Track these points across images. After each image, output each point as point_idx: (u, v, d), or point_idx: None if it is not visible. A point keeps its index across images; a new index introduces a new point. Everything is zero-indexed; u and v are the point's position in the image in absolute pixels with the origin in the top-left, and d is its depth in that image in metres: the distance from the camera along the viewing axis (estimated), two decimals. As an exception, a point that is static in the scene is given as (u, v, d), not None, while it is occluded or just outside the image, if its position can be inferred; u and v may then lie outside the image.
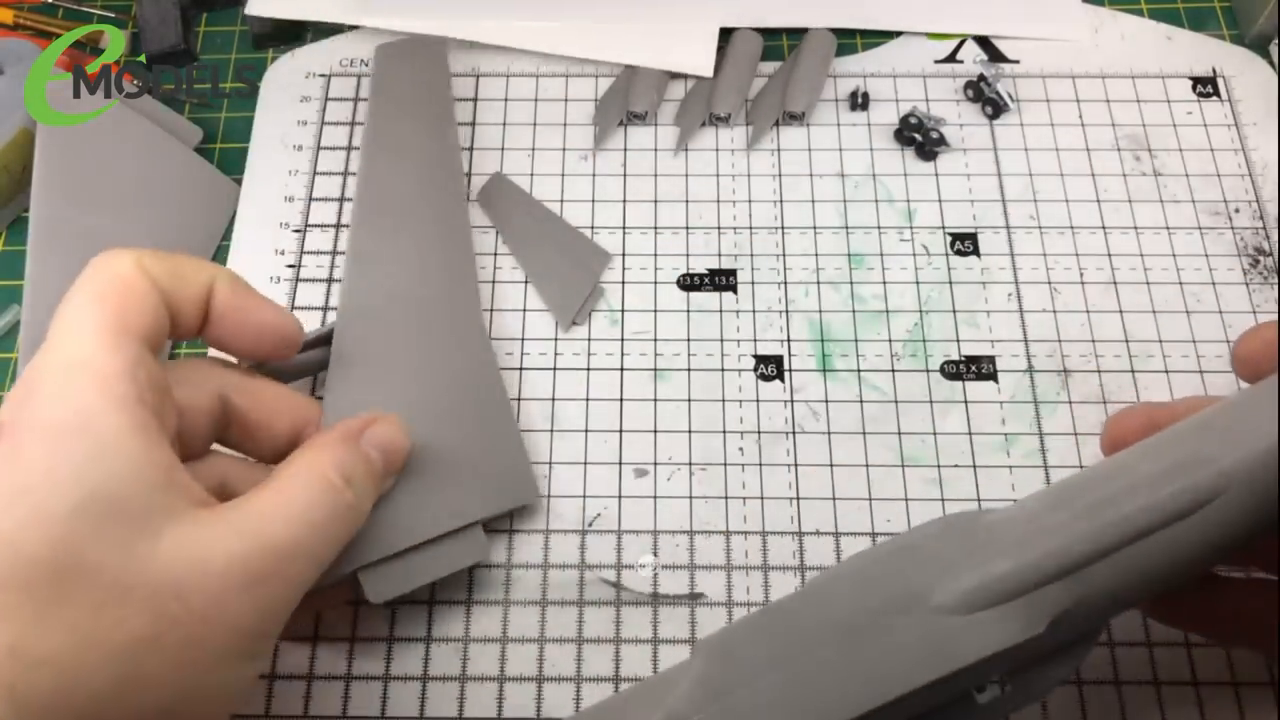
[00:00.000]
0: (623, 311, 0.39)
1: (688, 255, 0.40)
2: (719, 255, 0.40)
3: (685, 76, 0.44)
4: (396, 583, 0.31)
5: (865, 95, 0.43)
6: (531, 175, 0.42)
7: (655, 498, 0.35)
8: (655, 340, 0.38)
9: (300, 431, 0.31)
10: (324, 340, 0.34)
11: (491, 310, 0.39)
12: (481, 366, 0.35)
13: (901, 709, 0.24)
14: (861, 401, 0.37)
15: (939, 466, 0.36)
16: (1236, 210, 0.41)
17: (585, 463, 0.36)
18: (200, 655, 0.24)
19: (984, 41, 0.45)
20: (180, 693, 0.24)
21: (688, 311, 0.39)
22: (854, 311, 0.39)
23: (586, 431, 0.37)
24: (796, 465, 0.36)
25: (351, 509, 0.28)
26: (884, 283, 0.39)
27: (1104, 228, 0.40)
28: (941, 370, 0.38)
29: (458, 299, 0.36)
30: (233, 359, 0.31)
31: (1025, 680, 0.25)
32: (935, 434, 0.36)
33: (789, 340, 0.38)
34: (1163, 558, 0.24)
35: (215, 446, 0.30)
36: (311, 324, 0.38)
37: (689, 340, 0.38)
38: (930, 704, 0.25)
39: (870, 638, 0.24)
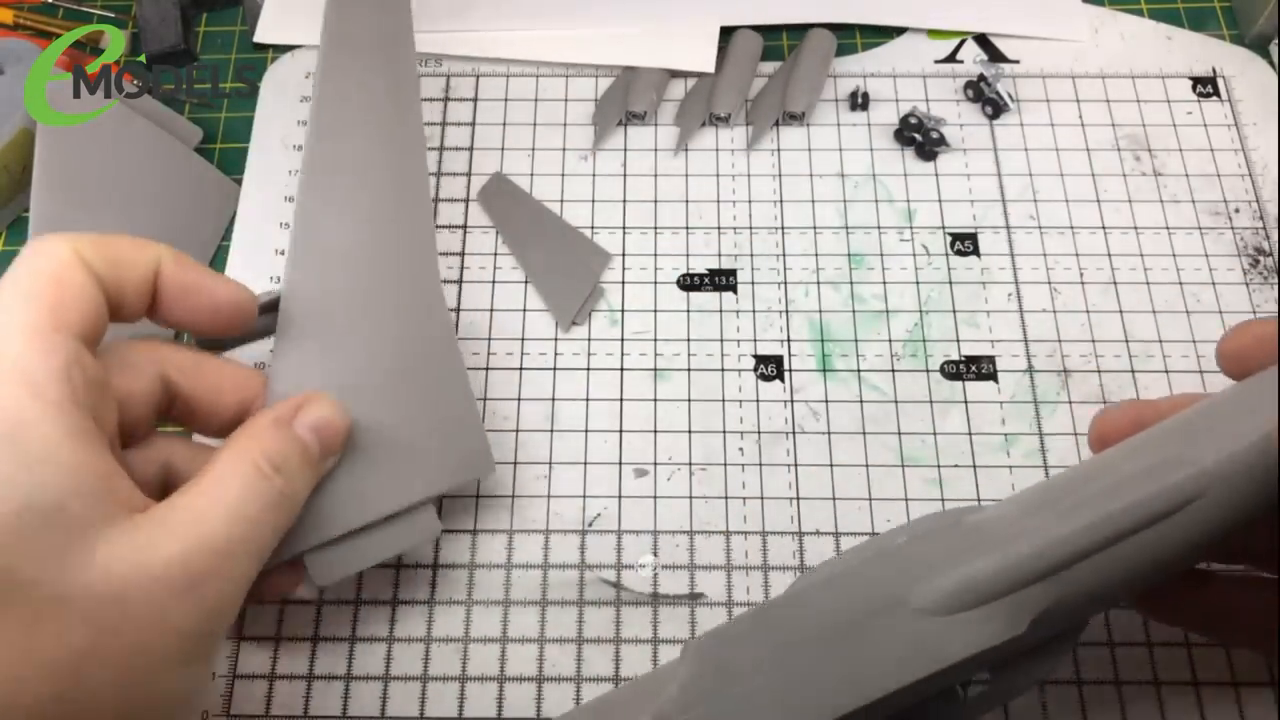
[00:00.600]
0: (623, 311, 0.39)
1: (688, 255, 0.40)
2: (719, 255, 0.40)
3: (685, 76, 0.44)
4: (344, 565, 0.30)
5: (865, 95, 0.43)
6: (531, 175, 0.42)
7: (655, 498, 0.35)
8: (655, 340, 0.38)
9: (247, 406, 0.30)
10: (270, 307, 0.32)
11: (491, 310, 0.39)
12: (437, 334, 0.33)
13: (885, 707, 0.24)
14: (861, 401, 0.37)
15: (939, 466, 0.36)
16: (1236, 210, 0.41)
17: (585, 463, 0.36)
18: (145, 662, 0.23)
19: (984, 41, 0.45)
20: (127, 703, 0.23)
21: (688, 311, 0.39)
22: (854, 311, 0.39)
23: (586, 431, 0.37)
24: (796, 465, 0.36)
25: (286, 497, 0.27)
26: (884, 283, 0.39)
27: (1104, 228, 0.40)
28: (941, 370, 0.38)
29: (413, 264, 0.34)
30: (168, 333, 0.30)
31: (1008, 676, 0.26)
32: (935, 434, 0.36)
33: (789, 340, 0.38)
34: (1143, 557, 0.24)
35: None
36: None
37: (689, 340, 0.38)
38: (913, 701, 0.25)
39: (854, 640, 0.24)
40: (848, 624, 0.24)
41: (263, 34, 0.46)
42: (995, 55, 0.45)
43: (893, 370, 0.38)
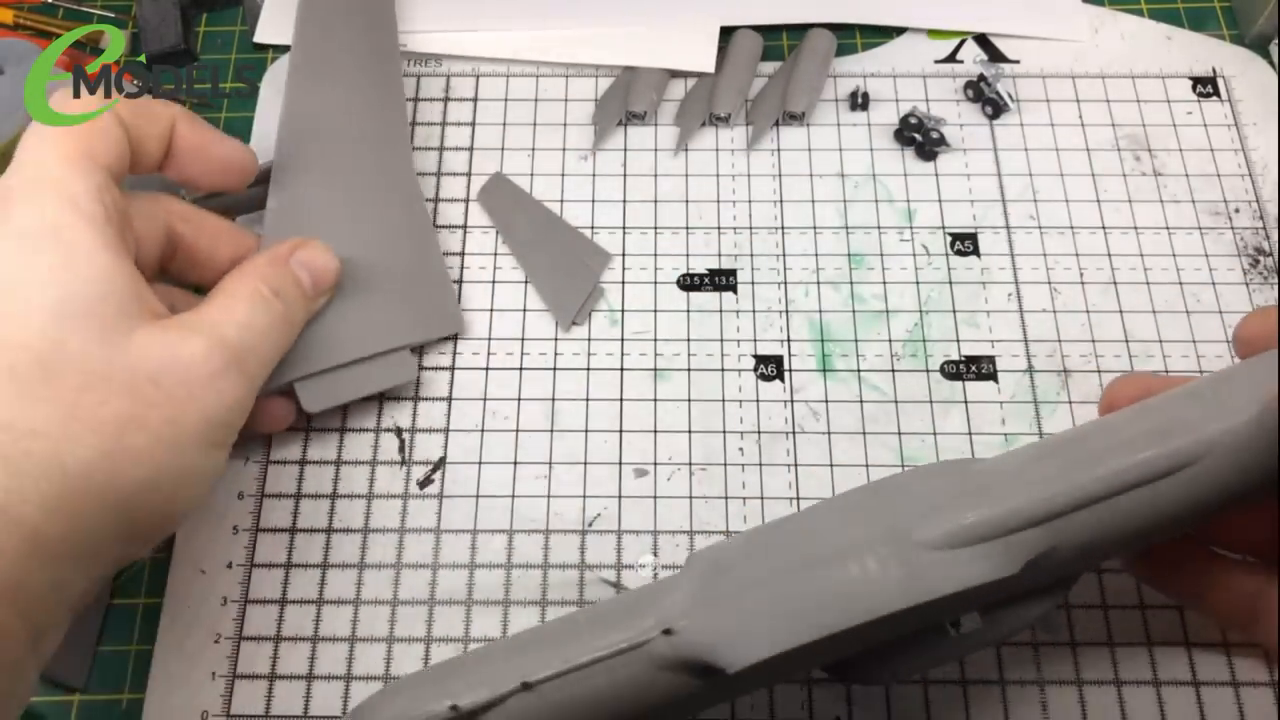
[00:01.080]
0: (623, 311, 0.39)
1: (688, 255, 0.40)
2: (719, 255, 0.40)
3: (685, 76, 0.44)
4: (330, 395, 0.34)
5: (865, 95, 0.43)
6: (531, 175, 0.42)
7: (655, 498, 0.35)
8: (655, 340, 0.38)
9: (240, 261, 0.33)
10: (262, 179, 0.37)
11: (491, 310, 0.39)
12: (411, 206, 0.38)
13: (878, 631, 0.25)
14: (861, 401, 0.37)
15: (939, 466, 0.36)
16: (1236, 210, 0.41)
17: (585, 463, 0.36)
18: (177, 435, 0.27)
19: (984, 41, 0.45)
20: (160, 469, 0.27)
21: (688, 311, 0.39)
22: (854, 311, 0.39)
23: (586, 431, 0.37)
24: (796, 465, 0.36)
25: (284, 319, 0.31)
26: (884, 283, 0.39)
27: (1104, 228, 0.40)
28: (941, 370, 0.38)
29: (389, 143, 0.39)
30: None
31: (999, 617, 0.27)
32: (935, 434, 0.36)
33: (789, 340, 0.38)
34: (1138, 514, 0.25)
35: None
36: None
37: (689, 340, 0.38)
38: (907, 630, 0.26)
39: (854, 563, 0.25)
40: (847, 548, 0.25)
41: (263, 34, 0.46)
42: (995, 55, 0.45)
43: (893, 370, 0.38)
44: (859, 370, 0.38)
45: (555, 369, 0.38)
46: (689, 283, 0.40)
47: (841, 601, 0.24)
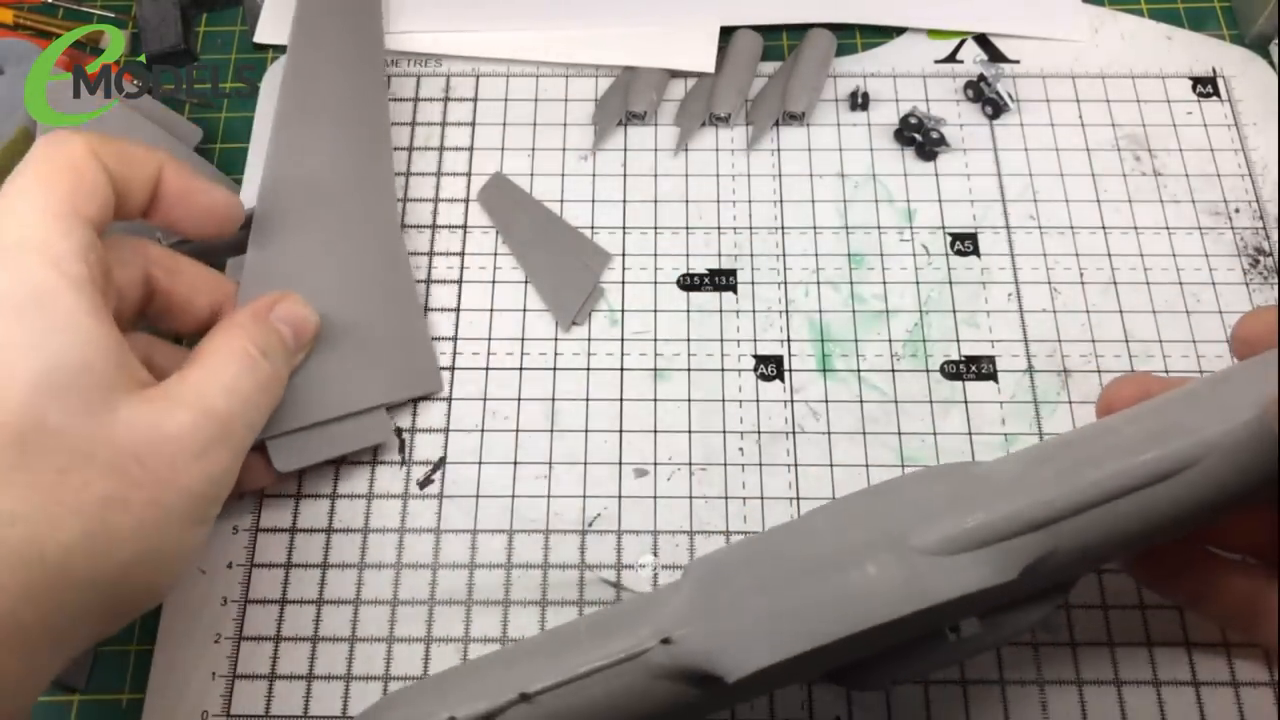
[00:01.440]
0: (623, 311, 0.39)
1: (688, 255, 0.40)
2: (719, 255, 0.40)
3: (685, 76, 0.44)
4: (302, 455, 0.33)
5: (865, 95, 0.43)
6: (531, 175, 0.42)
7: (655, 498, 0.35)
8: (655, 340, 0.38)
9: (218, 308, 0.33)
10: (244, 225, 0.36)
11: (491, 310, 0.39)
12: (394, 261, 0.38)
13: (877, 639, 0.25)
14: (861, 401, 0.37)
15: (939, 466, 0.36)
16: (1236, 210, 0.41)
17: (585, 463, 0.36)
18: (160, 515, 0.26)
19: (984, 41, 0.45)
20: (143, 550, 0.26)
21: (688, 311, 0.39)
22: (854, 311, 0.39)
23: (586, 431, 0.37)
24: (796, 465, 0.36)
25: (272, 379, 0.30)
26: (884, 283, 0.39)
27: (1104, 228, 0.40)
28: (941, 370, 0.38)
29: (375, 197, 0.38)
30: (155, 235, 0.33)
31: (999, 621, 0.26)
32: (935, 434, 0.36)
33: (789, 340, 0.38)
34: (1137, 517, 0.25)
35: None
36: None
37: (689, 340, 0.38)
38: (905, 637, 0.26)
39: (852, 571, 0.24)
40: (846, 554, 0.25)
41: (263, 34, 0.46)
42: (995, 55, 0.45)
43: (893, 370, 0.38)
44: (859, 370, 0.38)
45: (555, 369, 0.38)
46: (689, 283, 0.40)
47: (841, 608, 0.24)
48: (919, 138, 0.42)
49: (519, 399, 0.37)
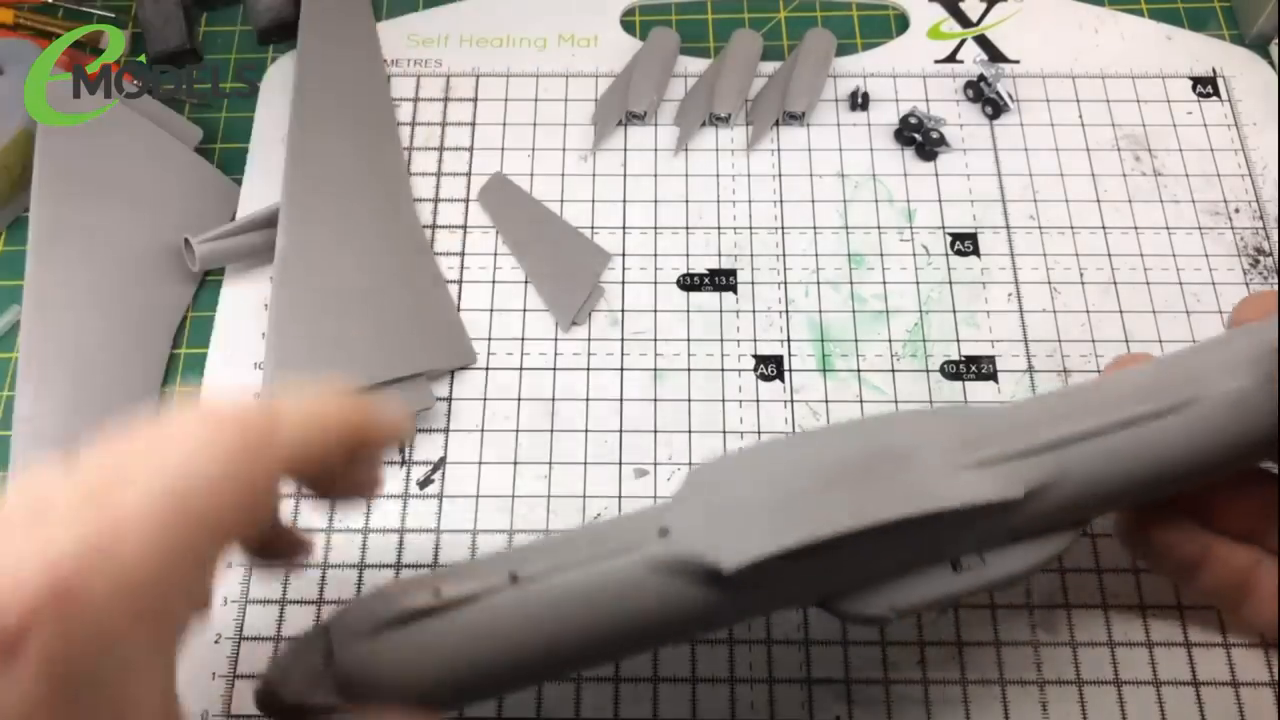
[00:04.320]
0: (623, 311, 0.39)
1: (688, 255, 0.40)
2: (719, 255, 0.40)
3: (685, 76, 0.44)
4: None
5: (865, 95, 0.43)
6: (531, 175, 0.42)
7: (655, 498, 0.35)
8: (655, 340, 0.38)
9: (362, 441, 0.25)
10: (268, 222, 0.38)
11: (491, 310, 0.39)
12: (413, 242, 0.40)
13: (882, 550, 0.25)
14: (861, 402, 0.37)
15: (939, 466, 0.36)
16: (1236, 210, 0.41)
17: (585, 463, 0.36)
18: None
19: (984, 41, 0.45)
20: None
21: (688, 311, 0.39)
22: (854, 311, 0.39)
23: (586, 431, 0.37)
24: (796, 465, 0.36)
25: None
26: (884, 283, 0.39)
27: (1104, 228, 0.40)
28: (941, 370, 0.38)
29: (387, 181, 0.41)
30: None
31: (999, 559, 0.26)
32: (935, 434, 0.36)
33: (789, 340, 0.38)
34: (1140, 453, 0.25)
35: None
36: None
37: (689, 340, 0.38)
38: (908, 558, 0.26)
39: (854, 476, 0.25)
40: (850, 462, 0.25)
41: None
42: (995, 55, 0.45)
43: (893, 370, 0.38)
44: (859, 370, 0.38)
45: (555, 369, 0.38)
46: (689, 283, 0.40)
47: (845, 505, 0.24)
48: (919, 138, 0.42)
49: (519, 399, 0.37)
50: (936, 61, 0.45)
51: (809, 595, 0.26)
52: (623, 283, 0.40)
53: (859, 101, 0.43)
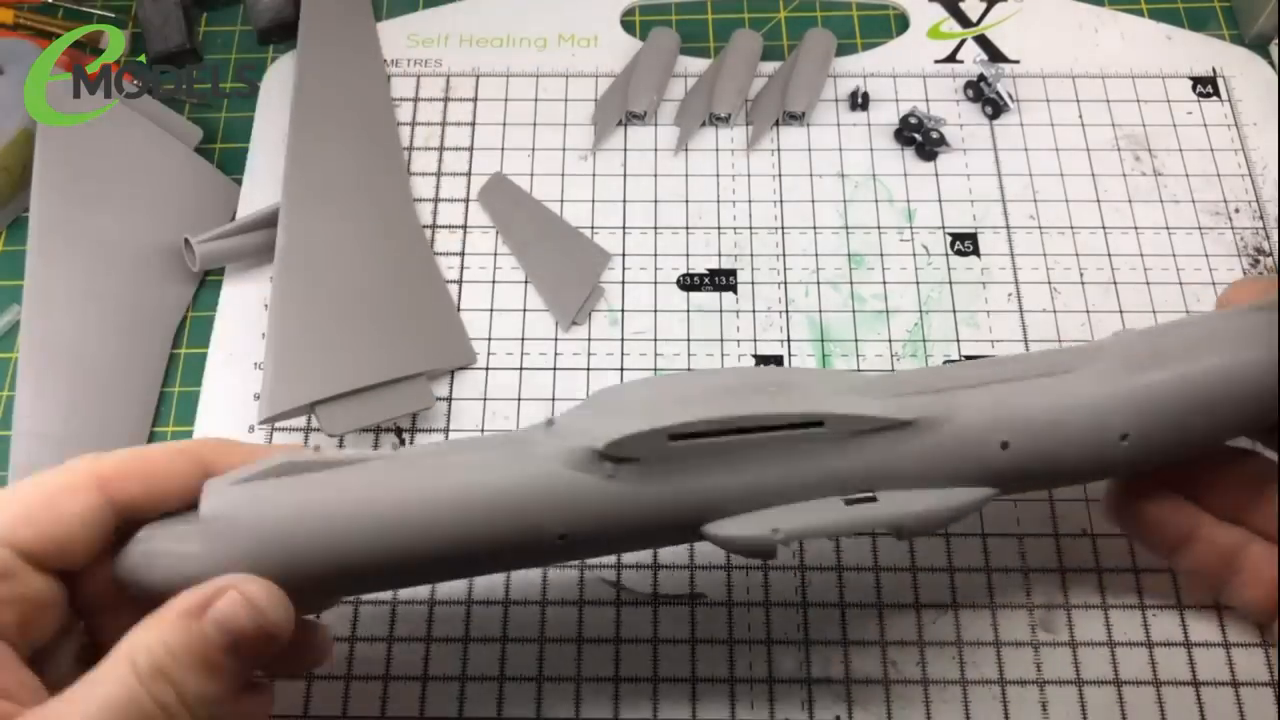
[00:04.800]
0: (623, 311, 0.39)
1: (688, 255, 0.40)
2: (719, 255, 0.40)
3: (685, 76, 0.44)
4: (349, 419, 0.34)
5: (865, 95, 0.43)
6: (531, 175, 0.42)
7: (655, 498, 0.35)
8: (655, 340, 0.38)
9: (205, 469, 0.25)
10: (268, 222, 0.38)
11: (491, 310, 0.39)
12: (413, 241, 0.40)
13: (763, 464, 0.25)
14: (861, 401, 0.37)
15: (939, 466, 0.36)
16: (1236, 210, 0.41)
17: (585, 463, 0.36)
18: None
19: (984, 41, 0.45)
20: None
21: (688, 311, 0.39)
22: (854, 311, 0.39)
23: (586, 431, 0.37)
24: (796, 465, 0.36)
25: (166, 707, 0.21)
26: (884, 283, 0.39)
27: (1104, 228, 0.40)
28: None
29: (387, 181, 0.41)
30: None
31: (897, 498, 0.26)
32: (935, 434, 0.36)
33: (789, 340, 0.38)
34: (1026, 407, 0.26)
35: None
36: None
37: (689, 340, 0.38)
38: (794, 484, 0.25)
39: (750, 383, 0.26)
40: (746, 379, 0.26)
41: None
42: (995, 55, 0.45)
43: (893, 370, 0.38)
44: (859, 370, 0.38)
45: (555, 369, 0.38)
46: (689, 283, 0.40)
47: (722, 402, 0.25)
48: (919, 138, 0.42)
49: (519, 399, 0.37)
50: (936, 61, 0.45)
51: (691, 514, 0.26)
52: (623, 283, 0.40)
53: (859, 101, 0.43)
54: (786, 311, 0.39)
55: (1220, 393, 0.26)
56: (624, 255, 0.40)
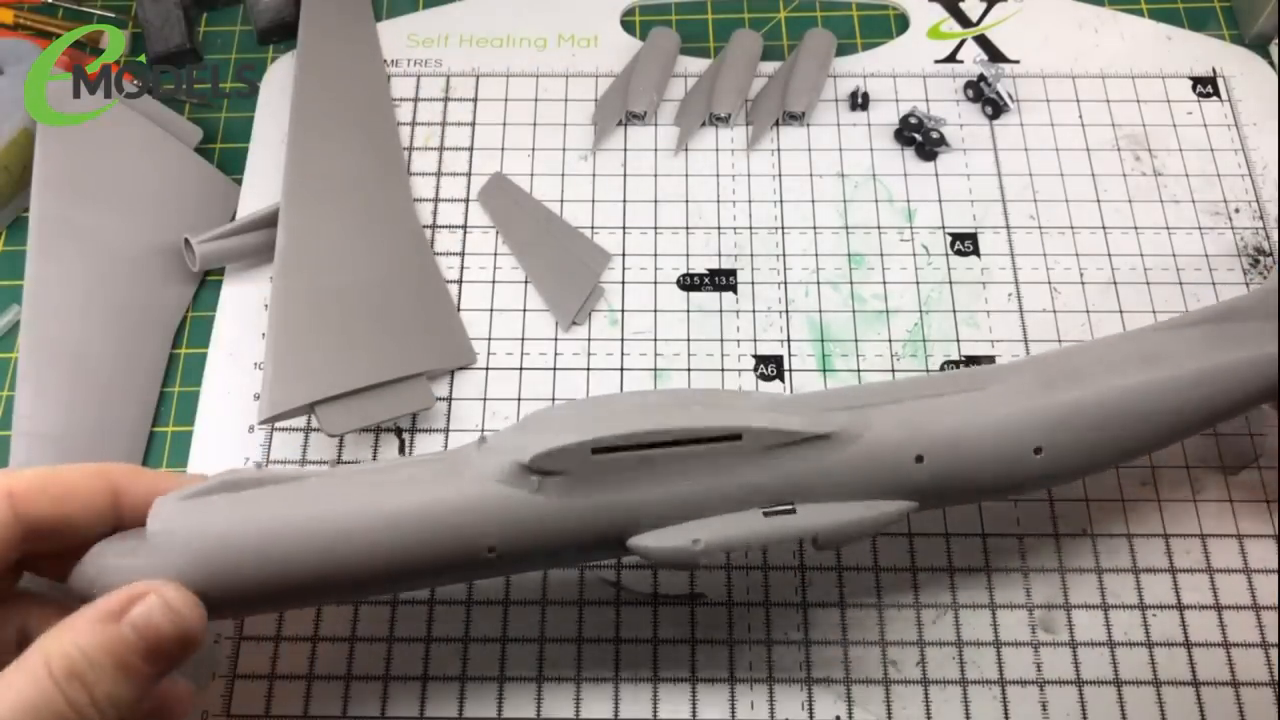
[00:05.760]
0: (623, 311, 0.39)
1: (688, 255, 0.40)
2: (719, 255, 0.40)
3: (685, 76, 0.44)
4: (349, 419, 0.34)
5: (865, 95, 0.43)
6: (531, 175, 0.42)
7: (655, 498, 0.35)
8: (655, 340, 0.38)
9: (117, 503, 0.26)
10: (268, 222, 0.38)
11: (491, 310, 0.39)
12: (413, 241, 0.40)
13: (685, 477, 0.26)
14: (861, 401, 0.37)
15: (939, 466, 0.36)
16: (1236, 210, 0.41)
17: (585, 463, 0.36)
18: None
19: (984, 41, 0.45)
20: None
21: (688, 311, 0.39)
22: (854, 311, 0.39)
23: (586, 431, 0.37)
24: (796, 465, 0.36)
25: (79, 710, 0.21)
26: (884, 283, 0.39)
27: (1104, 228, 0.40)
28: (941, 370, 0.38)
29: (387, 181, 0.41)
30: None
31: (815, 511, 0.27)
32: (935, 434, 0.36)
33: (789, 340, 0.38)
34: (941, 423, 0.27)
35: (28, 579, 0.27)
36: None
37: (689, 340, 0.38)
38: (715, 497, 0.26)
39: (670, 406, 0.27)
40: (672, 403, 0.27)
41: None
42: (995, 55, 0.45)
43: (893, 370, 0.38)
44: (859, 370, 0.38)
45: (555, 369, 0.38)
46: (689, 283, 0.40)
47: (647, 417, 0.26)
48: (919, 138, 0.42)
49: (519, 399, 0.37)
50: (936, 61, 0.45)
51: (616, 526, 0.26)
52: (623, 283, 0.40)
53: (859, 101, 0.43)
54: (786, 311, 0.39)
55: (1130, 410, 0.28)
56: (624, 255, 0.40)
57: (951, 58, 0.45)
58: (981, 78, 0.43)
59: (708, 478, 0.26)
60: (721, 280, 0.40)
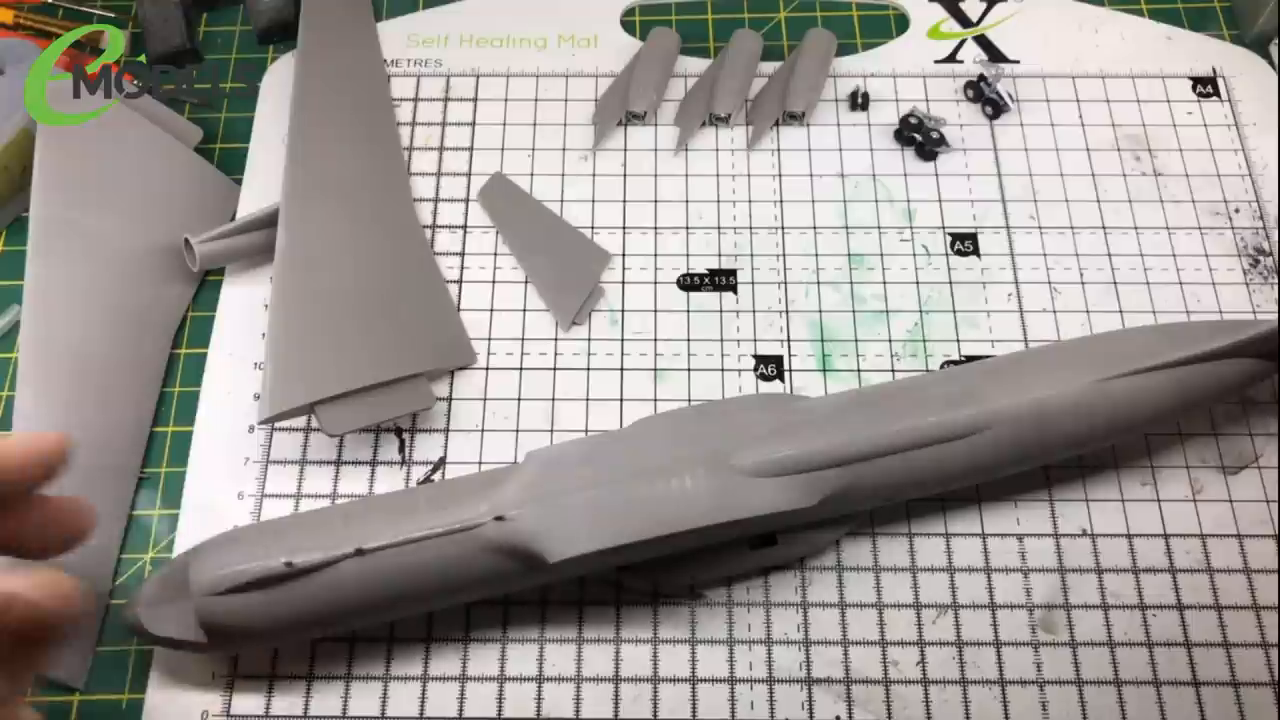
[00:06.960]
0: (623, 311, 0.39)
1: (688, 255, 0.40)
2: (719, 255, 0.40)
3: (685, 76, 0.44)
4: (349, 419, 0.34)
5: (865, 95, 0.43)
6: (531, 175, 0.42)
7: (655, 498, 0.35)
8: (655, 340, 0.38)
9: (46, 470, 0.25)
10: (268, 223, 0.38)
11: (491, 310, 0.39)
12: (413, 242, 0.40)
13: (687, 540, 0.29)
14: (861, 401, 0.37)
15: (939, 466, 0.36)
16: (1236, 210, 0.41)
17: (585, 463, 0.36)
18: None
19: (984, 41, 0.45)
20: None
21: (688, 311, 0.39)
22: (854, 311, 0.39)
23: (587, 431, 0.37)
24: (796, 465, 0.36)
25: None
26: (884, 283, 0.39)
27: (1104, 228, 0.40)
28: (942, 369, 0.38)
29: (387, 182, 0.41)
30: None
31: (797, 540, 0.32)
32: (935, 434, 0.36)
33: (789, 340, 0.38)
34: (930, 468, 0.30)
35: None
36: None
37: (689, 340, 0.38)
38: (713, 542, 0.31)
39: (674, 479, 0.29)
40: (671, 465, 0.29)
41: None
42: (995, 55, 0.45)
43: (893, 370, 0.38)
44: (859, 370, 0.38)
45: (555, 369, 0.38)
46: (689, 283, 0.40)
47: (658, 512, 0.28)
48: (919, 138, 0.42)
49: (519, 399, 0.37)
50: (936, 61, 0.45)
51: (624, 561, 0.31)
52: (623, 283, 0.40)
53: (859, 101, 0.43)
54: (786, 311, 0.39)
55: (1046, 417, 0.30)
56: (624, 255, 0.40)
57: (951, 58, 0.45)
58: (981, 78, 0.43)
59: (707, 538, 0.30)
60: (721, 280, 0.40)
